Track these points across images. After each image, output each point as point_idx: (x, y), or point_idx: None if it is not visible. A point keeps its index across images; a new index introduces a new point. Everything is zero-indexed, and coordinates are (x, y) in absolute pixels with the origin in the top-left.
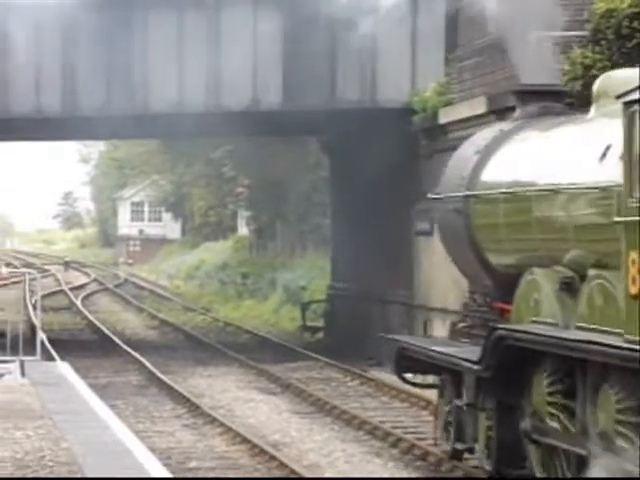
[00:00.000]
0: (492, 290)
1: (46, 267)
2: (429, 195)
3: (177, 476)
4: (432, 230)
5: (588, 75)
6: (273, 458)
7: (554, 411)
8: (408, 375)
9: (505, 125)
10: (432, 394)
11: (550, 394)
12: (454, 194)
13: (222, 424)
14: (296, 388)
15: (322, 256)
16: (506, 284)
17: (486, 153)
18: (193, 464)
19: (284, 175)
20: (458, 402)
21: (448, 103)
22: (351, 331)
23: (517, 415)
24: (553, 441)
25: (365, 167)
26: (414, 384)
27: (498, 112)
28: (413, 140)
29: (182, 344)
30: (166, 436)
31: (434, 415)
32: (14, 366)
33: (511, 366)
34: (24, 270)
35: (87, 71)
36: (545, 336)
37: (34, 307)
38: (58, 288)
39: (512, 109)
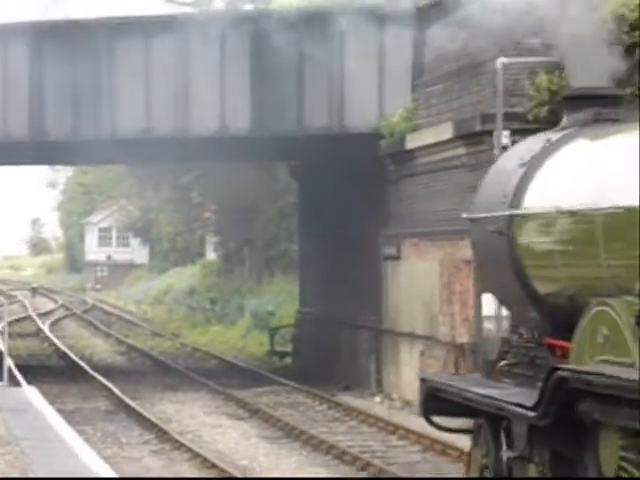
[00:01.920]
0: (540, 323)
1: (13, 293)
2: (463, 215)
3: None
4: (400, 255)
5: (554, 100)
6: None
7: (628, 467)
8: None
9: (552, 134)
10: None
11: (623, 448)
12: (494, 214)
13: (190, 449)
14: (264, 413)
15: (290, 281)
16: (557, 317)
17: (533, 166)
18: None
19: (252, 201)
20: (507, 453)
21: (415, 128)
22: (319, 356)
23: (577, 470)
24: None
25: (333, 192)
26: (445, 429)
27: (464, 137)
28: (380, 165)
29: (150, 369)
30: (134, 462)
31: (466, 464)
32: None
33: (573, 414)
34: None
35: (54, 96)
36: (622, 379)
37: (1, 333)
38: (25, 314)
39: (479, 134)
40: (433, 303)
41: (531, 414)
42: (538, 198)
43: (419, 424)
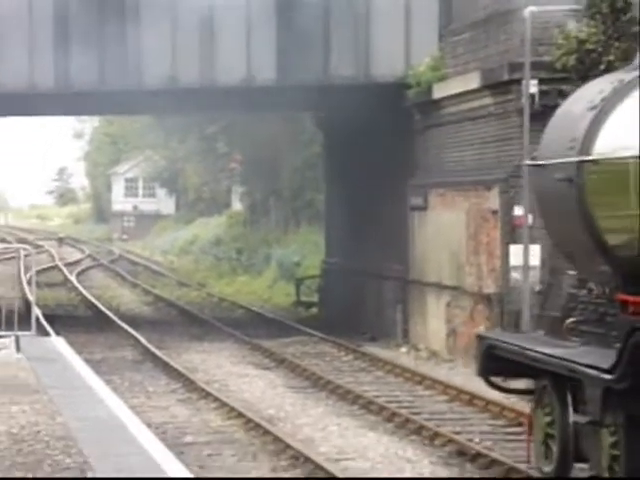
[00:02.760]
0: (611, 278)
1: (40, 243)
2: (526, 162)
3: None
4: (426, 205)
5: (582, 49)
6: (267, 432)
7: None
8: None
9: (624, 75)
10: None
11: None
12: (562, 160)
13: (217, 399)
14: (290, 363)
15: (316, 231)
16: (630, 271)
17: (604, 109)
18: (188, 439)
19: (278, 151)
20: (576, 417)
21: (442, 78)
22: (345, 306)
23: None
24: None
25: (359, 142)
26: (504, 390)
27: (492, 87)
28: (407, 115)
29: (177, 319)
30: (161, 411)
31: (527, 428)
32: (9, 341)
33: None
34: (18, 246)
35: (80, 47)
36: None
37: (29, 283)
38: (52, 264)
39: (506, 83)
40: (460, 253)
41: (607, 376)
42: (611, 143)
43: (445, 374)
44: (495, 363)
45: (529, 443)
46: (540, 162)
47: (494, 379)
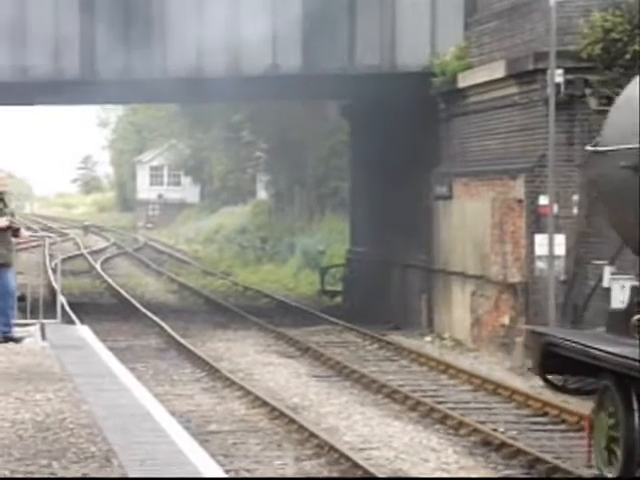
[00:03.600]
0: None
1: (65, 231)
2: (587, 147)
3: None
4: (451, 194)
5: (608, 38)
6: (292, 421)
7: None
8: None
9: None
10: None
11: None
12: (627, 146)
13: (241, 387)
14: (315, 352)
15: (341, 220)
16: None
17: None
18: (213, 427)
19: (303, 139)
20: None
21: (467, 67)
22: (370, 295)
23: None
24: None
25: (384, 131)
26: (564, 391)
27: (517, 76)
28: (432, 104)
29: (201, 308)
30: (186, 399)
31: (588, 432)
32: (35, 329)
33: None
34: (44, 234)
35: (105, 35)
36: None
37: (54, 271)
38: (77, 252)
39: (531, 73)
40: (484, 243)
41: None
42: None
43: (470, 363)
44: (553, 361)
45: (590, 446)
46: (602, 148)
47: (552, 377)
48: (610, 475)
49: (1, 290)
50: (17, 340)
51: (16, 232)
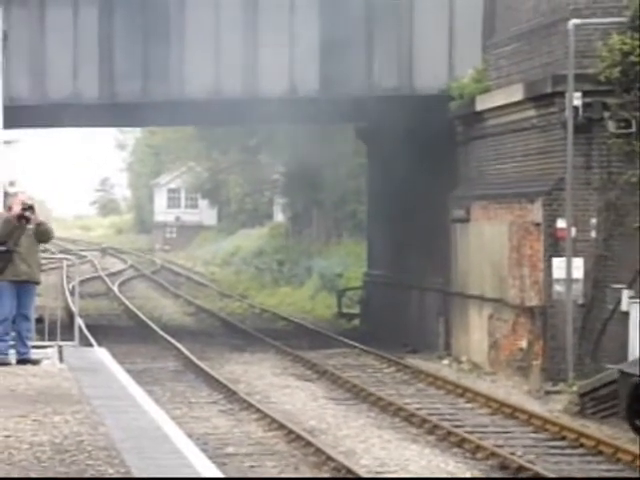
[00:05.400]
0: None
1: (83, 253)
2: None
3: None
4: (469, 217)
5: (626, 61)
6: (309, 444)
7: None
8: None
9: None
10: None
11: None
12: None
13: (258, 410)
14: (332, 375)
15: (358, 243)
16: None
17: None
18: (230, 449)
19: (320, 162)
20: None
21: (485, 90)
22: (387, 318)
23: None
24: None
25: (402, 154)
26: None
27: (535, 99)
28: (450, 127)
29: (218, 330)
30: (203, 422)
31: None
32: (52, 351)
33: None
34: (61, 256)
35: (124, 58)
36: None
37: (72, 293)
38: (95, 274)
39: (550, 96)
40: (502, 266)
41: None
42: None
43: (487, 387)
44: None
45: None
46: None
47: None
48: None
49: (21, 311)
50: (35, 362)
51: (27, 215)
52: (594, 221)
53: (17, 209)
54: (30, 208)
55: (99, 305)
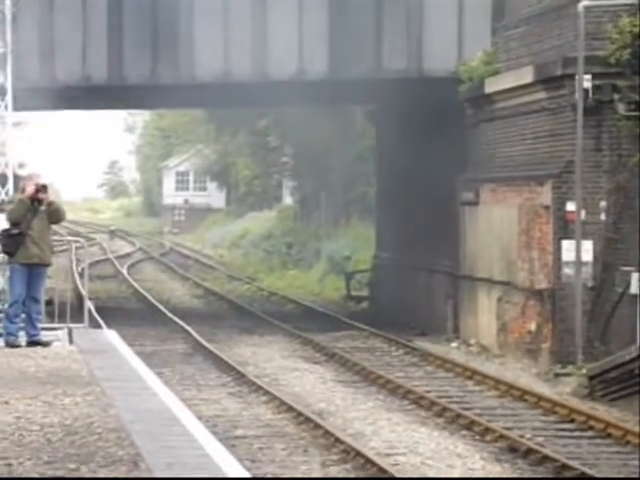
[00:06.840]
0: None
1: (92, 235)
2: None
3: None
4: (478, 200)
5: (637, 44)
6: (318, 426)
7: None
8: None
9: None
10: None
11: None
12: None
13: (267, 392)
14: (341, 357)
15: (366, 226)
16: None
17: None
18: (239, 432)
19: (329, 144)
20: None
21: (495, 72)
22: (395, 301)
23: None
24: None
25: (411, 136)
26: None
27: (545, 81)
28: (459, 109)
29: (227, 313)
30: (212, 404)
31: None
32: (62, 333)
33: None
34: (70, 239)
35: (133, 40)
36: None
37: (81, 275)
38: (104, 257)
39: (560, 78)
40: (511, 249)
41: None
42: None
43: (496, 369)
44: None
45: None
46: None
47: None
48: None
49: (31, 293)
50: (45, 344)
51: (40, 197)
52: (604, 204)
53: (31, 189)
54: (43, 187)
55: (108, 287)
